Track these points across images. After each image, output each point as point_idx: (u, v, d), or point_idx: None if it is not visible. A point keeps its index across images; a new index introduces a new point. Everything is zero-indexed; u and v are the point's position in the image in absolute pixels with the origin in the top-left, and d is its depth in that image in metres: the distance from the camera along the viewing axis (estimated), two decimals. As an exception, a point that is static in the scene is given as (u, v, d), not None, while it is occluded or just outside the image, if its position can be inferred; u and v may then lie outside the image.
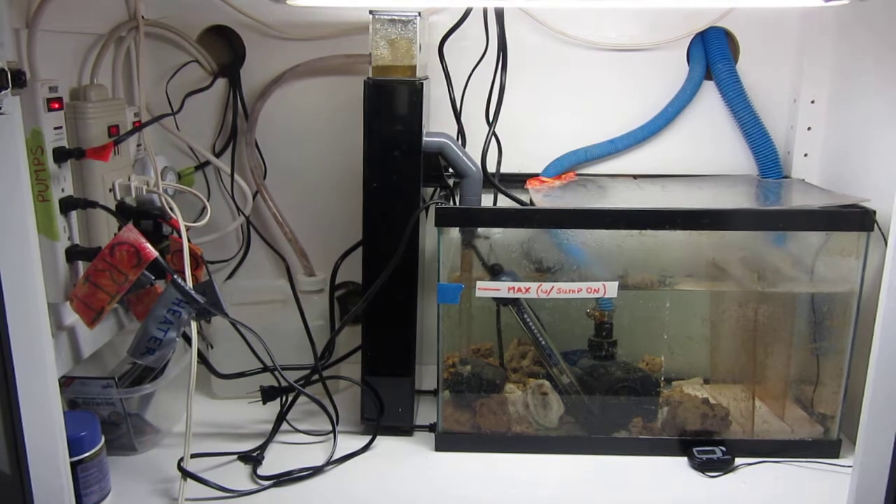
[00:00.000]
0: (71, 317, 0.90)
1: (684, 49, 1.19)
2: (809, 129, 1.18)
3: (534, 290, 0.96)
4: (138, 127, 1.02)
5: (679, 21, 1.17)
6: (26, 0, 0.85)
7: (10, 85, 0.68)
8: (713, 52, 1.17)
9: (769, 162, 1.19)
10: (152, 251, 0.88)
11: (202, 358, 1.01)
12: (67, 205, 0.88)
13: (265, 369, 1.05)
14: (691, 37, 1.18)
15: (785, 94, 1.20)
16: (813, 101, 1.17)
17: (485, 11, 1.09)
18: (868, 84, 1.06)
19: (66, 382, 0.96)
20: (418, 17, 0.98)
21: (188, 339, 0.91)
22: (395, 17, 0.97)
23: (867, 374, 0.74)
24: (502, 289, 0.98)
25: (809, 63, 1.17)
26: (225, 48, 1.22)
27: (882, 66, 1.01)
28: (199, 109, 1.21)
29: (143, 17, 1.08)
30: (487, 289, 0.98)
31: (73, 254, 0.90)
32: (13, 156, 0.70)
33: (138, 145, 1.07)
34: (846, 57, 1.11)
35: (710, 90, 1.20)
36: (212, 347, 1.12)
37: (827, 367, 1.03)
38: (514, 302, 1.03)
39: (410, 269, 1.01)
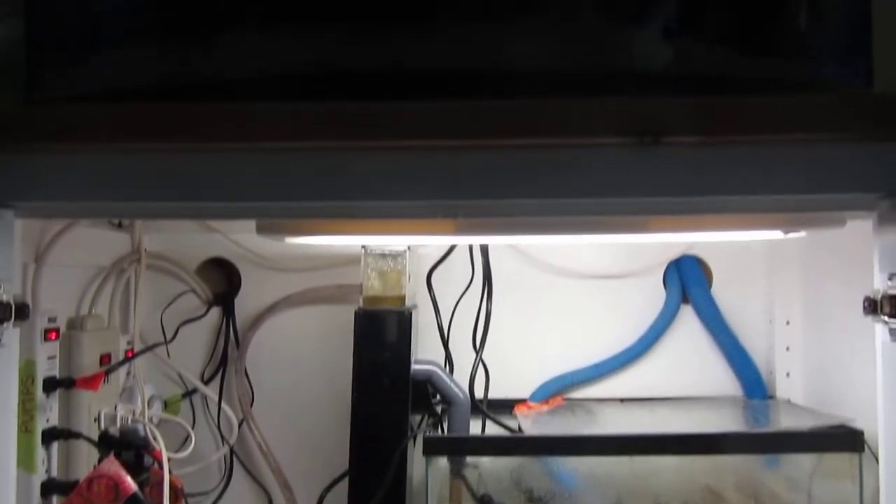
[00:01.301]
0: (36, 558, 0.85)
1: (660, 275, 1.25)
2: (788, 349, 1.21)
3: (526, 521, 0.93)
4: (130, 357, 1.03)
5: (653, 250, 1.24)
6: (37, 236, 0.91)
7: (13, 318, 0.69)
8: (687, 278, 1.23)
9: (753, 383, 1.20)
10: (131, 485, 0.85)
11: None
12: (50, 436, 0.87)
13: None
14: (666, 264, 1.25)
15: (760, 316, 1.24)
16: (788, 322, 1.21)
17: (470, 247, 1.16)
18: (837, 304, 1.10)
19: None
20: (407, 251, 1.04)
21: (161, 582, 0.86)
22: (386, 252, 1.03)
23: None
24: (493, 520, 0.94)
25: (780, 286, 1.22)
26: (221, 278, 1.27)
27: (847, 288, 1.06)
28: (191, 337, 1.23)
29: (145, 250, 1.14)
30: (478, 520, 0.94)
31: (48, 488, 0.87)
32: (4, 388, 0.70)
33: (128, 373, 1.08)
34: (813, 279, 1.17)
35: (688, 313, 1.24)
36: (184, 590, 1.05)
37: None
38: (507, 534, 0.99)
39: (398, 500, 0.98)
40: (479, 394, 1.14)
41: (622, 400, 1.21)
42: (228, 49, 0.69)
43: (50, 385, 0.87)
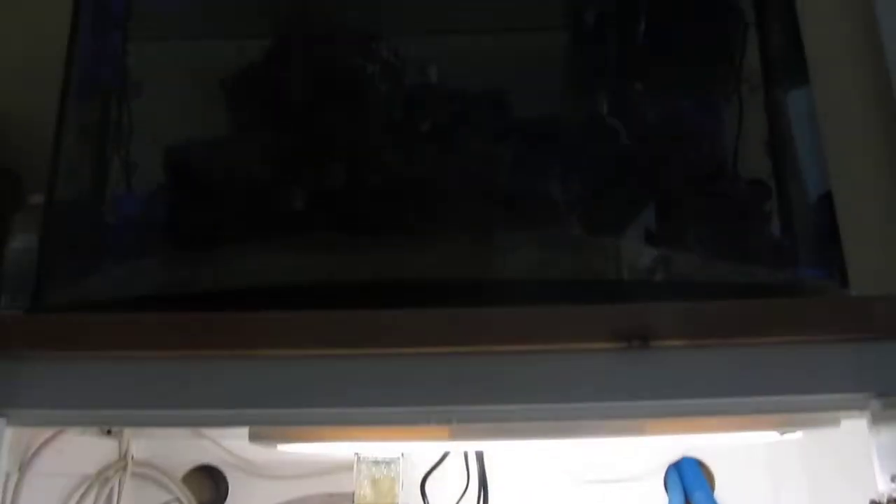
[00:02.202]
0: None
1: (661, 478, 1.21)
2: (801, 548, 1.15)
3: None
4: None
5: (652, 452, 1.22)
6: (24, 443, 0.89)
7: (-10, 534, 0.67)
8: (688, 482, 1.20)
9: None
10: None
11: None
12: None
13: None
14: (666, 466, 1.22)
15: (767, 522, 1.20)
16: (797, 523, 1.17)
17: (465, 453, 1.14)
18: (843, 500, 1.06)
19: None
20: (401, 458, 1.01)
21: None
22: (379, 459, 1.01)
23: None
24: None
25: (784, 488, 1.18)
26: (209, 486, 1.22)
27: (852, 488, 1.03)
28: (172, 550, 1.17)
29: (132, 458, 1.11)
30: None
31: None
32: None
33: None
34: (817, 479, 1.14)
35: (695, 520, 1.19)
36: None
37: None
38: None
39: None
40: None
41: None
42: (225, 262, 0.72)
43: None
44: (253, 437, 0.84)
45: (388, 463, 1.01)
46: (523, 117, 0.85)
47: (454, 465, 1.13)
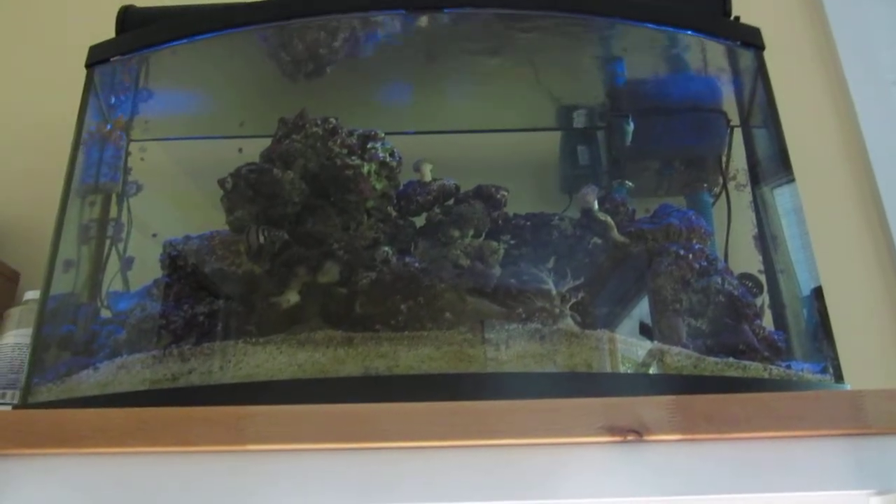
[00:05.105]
0: None
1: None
2: None
3: None
4: None
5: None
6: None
7: None
8: None
9: None
10: None
11: None
12: None
13: None
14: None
15: None
16: None
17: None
18: None
19: None
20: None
21: None
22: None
23: None
24: None
25: None
26: None
27: None
28: None
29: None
30: None
31: None
32: None
33: None
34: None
35: None
36: None
37: None
38: None
39: None
40: None
41: None
42: (219, 357, 0.72)
43: None
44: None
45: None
46: (517, 212, 0.87)
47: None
